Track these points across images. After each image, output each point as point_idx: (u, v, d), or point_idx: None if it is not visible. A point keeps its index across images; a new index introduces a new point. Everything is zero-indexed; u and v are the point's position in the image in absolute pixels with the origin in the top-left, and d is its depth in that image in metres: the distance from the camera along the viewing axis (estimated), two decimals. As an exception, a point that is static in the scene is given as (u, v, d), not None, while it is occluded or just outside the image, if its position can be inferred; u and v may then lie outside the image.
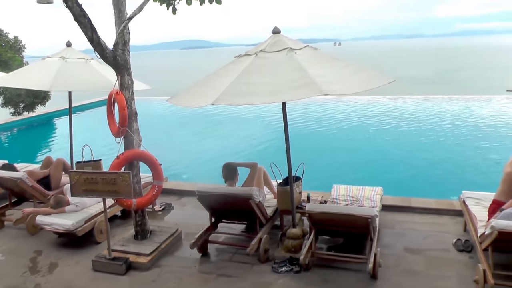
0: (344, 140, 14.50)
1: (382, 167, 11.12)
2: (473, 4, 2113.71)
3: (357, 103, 20.48)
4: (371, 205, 6.01)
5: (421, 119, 17.04)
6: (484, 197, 6.00)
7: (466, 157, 12.18)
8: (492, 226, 4.56)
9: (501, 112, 17.83)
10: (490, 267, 4.68)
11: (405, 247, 5.78)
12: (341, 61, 5.29)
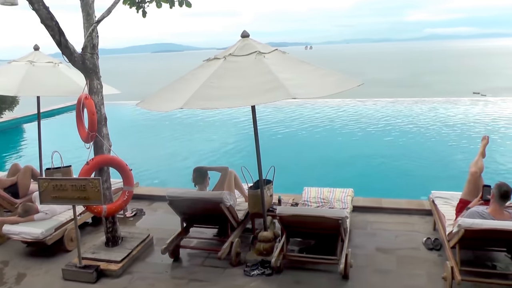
0: (315, 143, 14.57)
1: (352, 169, 11.23)
2: (441, 9, 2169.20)
3: (327, 105, 20.59)
4: (342, 206, 6.07)
5: (390, 121, 17.26)
6: (452, 196, 6.15)
7: (435, 157, 12.40)
8: (459, 225, 4.69)
9: (467, 114, 18.22)
10: (457, 264, 4.80)
11: (377, 247, 5.87)
12: (309, 65, 5.33)
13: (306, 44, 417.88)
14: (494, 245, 5.23)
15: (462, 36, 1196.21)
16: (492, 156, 11.62)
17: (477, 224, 4.61)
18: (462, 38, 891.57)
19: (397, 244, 5.93)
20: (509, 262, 5.23)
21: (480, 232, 4.62)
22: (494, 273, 5.10)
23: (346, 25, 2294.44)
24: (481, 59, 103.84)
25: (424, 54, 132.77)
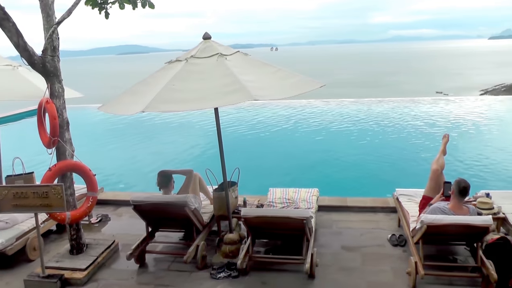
0: (280, 143, 14.67)
1: (318, 169, 11.32)
2: (404, 11, 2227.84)
3: (291, 106, 20.65)
4: (307, 206, 6.12)
5: (355, 121, 17.48)
6: (415, 193, 6.29)
7: (399, 155, 12.66)
8: (422, 221, 4.84)
9: (430, 113, 18.63)
10: (421, 259, 4.93)
11: (342, 245, 5.94)
12: (271, 67, 5.35)
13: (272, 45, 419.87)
14: (455, 239, 5.39)
15: (425, 38, 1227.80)
16: (453, 154, 11.92)
17: (439, 219, 4.76)
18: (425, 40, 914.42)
19: (363, 242, 6.02)
20: (469, 255, 5.40)
21: (442, 227, 4.76)
22: (455, 266, 5.27)
23: (311, 26, 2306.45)
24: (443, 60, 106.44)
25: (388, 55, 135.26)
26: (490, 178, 10.40)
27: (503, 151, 12.92)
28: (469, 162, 11.66)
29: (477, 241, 4.99)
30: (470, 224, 4.76)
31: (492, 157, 12.19)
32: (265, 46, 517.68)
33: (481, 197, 6.17)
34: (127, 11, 6.27)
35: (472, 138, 14.57)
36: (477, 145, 13.75)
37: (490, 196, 6.24)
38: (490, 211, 5.81)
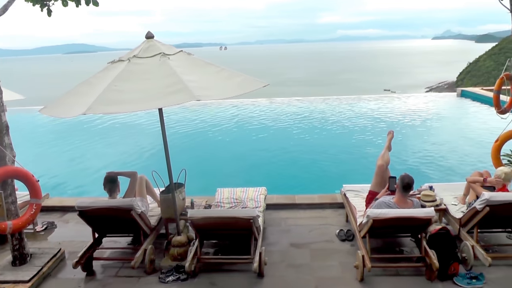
0: (227, 143, 14.55)
1: (266, 167, 11.36)
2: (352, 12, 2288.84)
3: (239, 105, 20.53)
4: (254, 205, 6.13)
5: (303, 118, 17.60)
6: (362, 189, 6.42)
7: (346, 152, 12.86)
8: (368, 215, 4.96)
9: (378, 110, 19.06)
10: (367, 252, 5.04)
11: (291, 243, 5.97)
12: (215, 66, 5.30)
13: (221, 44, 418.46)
14: (400, 232, 5.55)
15: (372, 38, 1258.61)
16: (399, 149, 12.26)
17: (384, 213, 4.90)
18: (372, 39, 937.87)
19: (311, 238, 6.09)
20: (414, 246, 5.56)
21: (387, 221, 4.90)
22: (401, 257, 5.43)
23: (260, 26, 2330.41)
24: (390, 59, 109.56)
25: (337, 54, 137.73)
26: (433, 172, 10.75)
27: (446, 145, 13.40)
28: (414, 157, 12.02)
29: (421, 232, 5.17)
30: (414, 216, 4.93)
31: (436, 151, 12.62)
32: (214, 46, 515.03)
33: (425, 190, 6.38)
34: (71, 8, 6.08)
35: (417, 133, 15.03)
36: (422, 140, 14.20)
37: (433, 189, 6.46)
38: (433, 203, 6.02)
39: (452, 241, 5.31)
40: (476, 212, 5.32)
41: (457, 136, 14.83)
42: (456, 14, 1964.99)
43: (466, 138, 14.28)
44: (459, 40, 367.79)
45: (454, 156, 12.11)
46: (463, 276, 5.01)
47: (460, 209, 5.96)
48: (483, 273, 5.05)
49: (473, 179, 5.97)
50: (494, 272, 5.13)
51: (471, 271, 5.10)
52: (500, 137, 7.94)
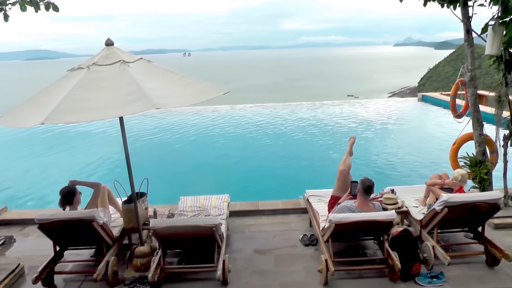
0: (190, 150, 14.42)
1: (229, 174, 11.33)
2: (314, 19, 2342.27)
3: (201, 112, 20.36)
4: (218, 213, 6.10)
5: (267, 125, 17.66)
6: (325, 193, 6.48)
7: (309, 157, 12.97)
8: (330, 220, 5.02)
9: (341, 115, 19.34)
10: (331, 256, 5.10)
11: (255, 249, 5.98)
12: (175, 74, 5.26)
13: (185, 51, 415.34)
14: (363, 235, 5.64)
15: (335, 44, 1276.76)
16: (362, 153, 12.45)
17: (346, 217, 4.97)
18: (335, 46, 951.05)
19: (275, 244, 6.10)
20: (377, 248, 5.64)
21: (349, 225, 4.97)
22: (365, 260, 5.49)
23: (223, 32, 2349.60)
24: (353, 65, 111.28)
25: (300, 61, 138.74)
26: (396, 175, 10.98)
27: (407, 149, 13.72)
28: (377, 161, 12.23)
29: (383, 234, 5.26)
30: (375, 219, 5.02)
31: (398, 155, 12.89)
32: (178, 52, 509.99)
33: (386, 193, 6.49)
34: (31, 14, 5.95)
35: (379, 137, 15.31)
36: (384, 144, 14.47)
37: (395, 192, 6.58)
38: (394, 206, 6.13)
39: (414, 242, 5.42)
40: (435, 214, 5.45)
41: (418, 140, 15.20)
42: (416, 22, 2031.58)
43: (427, 141, 14.65)
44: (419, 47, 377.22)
45: (415, 159, 12.38)
46: (425, 276, 5.15)
47: (421, 211, 6.10)
48: (443, 271, 5.23)
49: (432, 182, 6.13)
50: (453, 270, 5.31)
51: (432, 271, 5.26)
52: (457, 140, 8.20)
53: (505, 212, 6.73)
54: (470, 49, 7.12)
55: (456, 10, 6.93)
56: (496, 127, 7.00)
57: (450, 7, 6.88)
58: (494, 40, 5.82)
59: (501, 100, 6.82)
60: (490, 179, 7.10)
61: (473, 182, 7.24)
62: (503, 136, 6.96)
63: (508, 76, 6.65)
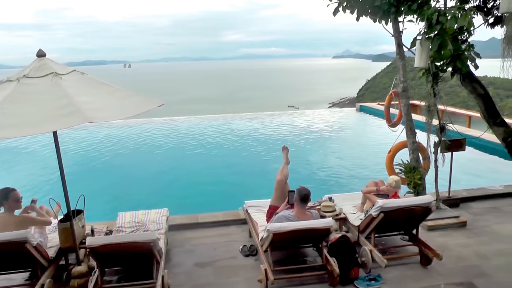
0: (127, 164, 13.98)
1: (168, 188, 11.12)
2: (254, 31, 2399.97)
3: (139, 125, 19.76)
4: (156, 228, 5.97)
5: (206, 137, 17.45)
6: (264, 204, 6.53)
7: (249, 168, 13.02)
8: (268, 230, 5.06)
9: (281, 126, 19.56)
10: (270, 266, 5.14)
11: (195, 263, 5.91)
12: (109, 86, 5.15)
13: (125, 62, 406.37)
14: (302, 243, 5.72)
15: (275, 56, 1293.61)
16: (301, 162, 12.65)
17: (284, 226, 5.03)
18: (275, 58, 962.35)
19: (216, 256, 6.06)
20: (316, 255, 5.73)
21: (287, 233, 5.02)
22: (305, 267, 5.53)
23: (164, 43, 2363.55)
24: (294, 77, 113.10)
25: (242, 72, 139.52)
26: (334, 183, 11.21)
27: (346, 157, 14.07)
28: (316, 170, 12.46)
29: (321, 241, 5.37)
30: (313, 227, 5.12)
31: (337, 163, 13.19)
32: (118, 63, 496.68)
33: (325, 201, 6.64)
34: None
35: (318, 147, 15.61)
36: (323, 153, 14.78)
37: (333, 200, 6.74)
38: (332, 213, 6.28)
39: (352, 248, 5.58)
40: (372, 219, 5.63)
41: (356, 148, 15.63)
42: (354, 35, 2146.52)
43: (364, 149, 15.09)
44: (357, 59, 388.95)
45: (353, 167, 12.71)
46: (363, 279, 5.31)
47: (359, 217, 6.27)
48: (381, 274, 5.42)
49: (367, 190, 6.35)
50: (391, 272, 5.52)
51: (370, 273, 5.44)
52: (392, 148, 8.50)
53: (437, 214, 7.07)
54: (401, 61, 7.44)
55: (388, 25, 7.23)
56: (427, 135, 7.29)
57: (382, 22, 7.14)
58: (422, 54, 6.08)
59: (431, 110, 7.12)
60: (423, 184, 7.40)
61: (408, 187, 7.52)
62: (433, 143, 7.26)
63: (435, 87, 6.97)
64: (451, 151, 7.48)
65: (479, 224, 7.10)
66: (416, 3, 5.98)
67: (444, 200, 7.61)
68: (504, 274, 5.52)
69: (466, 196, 8.14)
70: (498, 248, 6.25)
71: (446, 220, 7.03)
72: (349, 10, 6.94)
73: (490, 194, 8.32)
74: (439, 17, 5.60)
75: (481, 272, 5.58)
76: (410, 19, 6.91)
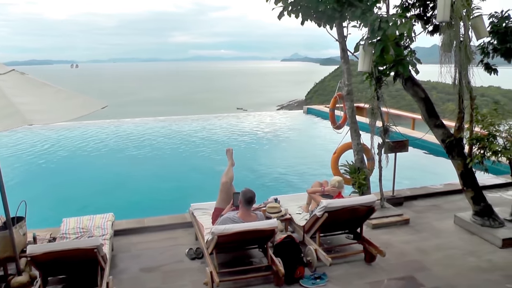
0: (72, 168, 13.44)
1: (113, 192, 10.85)
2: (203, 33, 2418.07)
3: (80, 128, 18.87)
4: (101, 233, 5.81)
5: (152, 139, 17.13)
6: (209, 206, 6.51)
7: (196, 171, 12.86)
8: (212, 232, 5.07)
9: (229, 128, 19.56)
10: (215, 268, 5.13)
11: (141, 268, 5.81)
12: (51, 87, 4.99)
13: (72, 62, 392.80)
14: (247, 244, 5.76)
15: (224, 58, 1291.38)
16: (249, 164, 12.70)
17: (228, 228, 5.03)
18: (224, 60, 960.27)
19: (162, 261, 5.98)
20: (262, 256, 5.77)
21: (232, 235, 5.04)
22: (251, 268, 5.57)
23: (113, 43, 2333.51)
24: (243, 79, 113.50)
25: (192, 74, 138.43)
26: (281, 184, 11.31)
27: (293, 159, 14.25)
28: (263, 171, 12.54)
29: (266, 242, 5.42)
30: (258, 228, 5.16)
31: (283, 165, 13.32)
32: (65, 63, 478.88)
33: (270, 202, 6.70)
34: None
35: (266, 149, 15.74)
36: (270, 155, 14.91)
37: (279, 201, 6.81)
38: (278, 214, 6.35)
39: (297, 247, 5.66)
40: (317, 219, 5.74)
41: (302, 150, 15.84)
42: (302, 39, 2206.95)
43: (310, 151, 15.32)
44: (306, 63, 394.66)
45: (300, 168, 12.87)
46: (308, 278, 5.41)
47: (304, 217, 6.37)
48: (326, 272, 5.54)
49: (312, 190, 6.46)
50: (336, 269, 5.65)
51: (315, 272, 5.54)
52: (337, 150, 8.68)
53: (381, 213, 7.31)
54: (346, 65, 7.62)
55: (334, 30, 7.38)
56: (371, 136, 7.49)
57: (326, 27, 7.28)
58: (365, 59, 6.23)
59: (374, 112, 7.33)
60: (368, 184, 7.60)
61: (353, 187, 7.70)
62: (377, 144, 7.47)
63: (379, 90, 7.19)
64: (394, 152, 7.72)
65: (421, 221, 7.39)
66: (359, 10, 6.12)
67: (388, 199, 7.85)
68: (442, 267, 5.80)
69: (409, 195, 8.46)
70: (437, 243, 6.56)
71: (390, 218, 7.27)
72: (294, 14, 7.03)
73: (431, 193, 8.68)
74: (381, 23, 5.75)
75: (422, 266, 5.84)
76: (354, 25, 7.08)
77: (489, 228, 6.68)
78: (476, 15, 6.33)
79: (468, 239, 6.69)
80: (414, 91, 7.11)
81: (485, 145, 6.43)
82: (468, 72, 6.44)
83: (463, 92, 6.52)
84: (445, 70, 6.44)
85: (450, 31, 6.16)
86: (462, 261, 6.01)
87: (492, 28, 6.82)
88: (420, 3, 7.23)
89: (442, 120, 7.10)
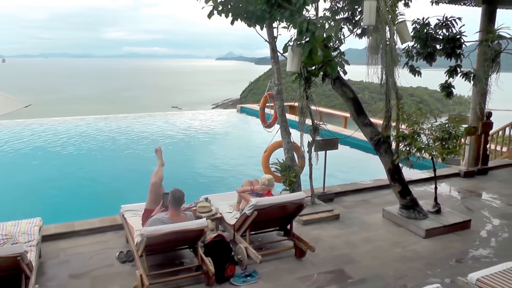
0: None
1: (42, 195, 10.42)
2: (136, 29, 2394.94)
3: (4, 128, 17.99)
4: (27, 239, 5.54)
5: (81, 139, 16.65)
6: (140, 207, 6.41)
7: (126, 171, 12.68)
8: (141, 234, 5.04)
9: (163, 127, 19.40)
10: (145, 271, 5.09)
11: (70, 274, 5.61)
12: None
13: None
14: (177, 245, 5.73)
15: (158, 56, 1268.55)
16: (182, 163, 12.63)
17: (157, 230, 4.99)
18: (158, 57, 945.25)
19: (91, 266, 5.81)
20: (193, 256, 5.74)
21: (162, 236, 5.01)
22: (182, 269, 5.57)
23: (43, 37, 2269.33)
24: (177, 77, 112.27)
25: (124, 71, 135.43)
26: (213, 183, 11.38)
27: (225, 157, 14.35)
28: (195, 171, 12.55)
29: (196, 242, 5.45)
30: (187, 229, 5.16)
31: (215, 163, 13.41)
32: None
33: (201, 202, 6.70)
34: None
35: (198, 148, 15.77)
36: (203, 153, 14.95)
37: (209, 200, 6.85)
38: (208, 214, 6.39)
39: (227, 246, 5.73)
40: (247, 217, 5.82)
41: (234, 148, 15.99)
42: (237, 39, 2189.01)
43: (242, 149, 15.50)
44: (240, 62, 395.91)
45: (231, 167, 12.99)
46: (239, 276, 5.48)
47: (235, 216, 6.45)
48: (256, 269, 5.63)
49: (242, 189, 6.56)
50: (266, 266, 5.76)
51: (246, 270, 5.62)
52: (268, 148, 8.82)
53: (312, 209, 7.54)
54: (276, 66, 7.75)
55: (264, 30, 7.47)
56: (301, 135, 7.67)
57: (256, 27, 7.37)
58: (293, 59, 6.35)
59: (303, 111, 7.52)
60: (298, 181, 7.77)
61: (284, 185, 7.84)
62: (307, 142, 7.66)
63: (308, 90, 7.37)
64: (324, 150, 7.94)
65: (350, 216, 7.69)
66: (288, 11, 6.23)
67: (319, 196, 8.10)
68: (370, 259, 6.08)
69: (340, 191, 8.76)
70: (365, 236, 6.87)
71: (320, 214, 7.48)
72: (224, 14, 7.06)
73: (361, 188, 9.05)
74: (309, 25, 5.89)
75: (351, 259, 6.09)
76: (284, 26, 7.20)
77: (414, 220, 7.10)
78: (401, 21, 6.68)
79: (395, 231, 7.06)
80: (343, 91, 7.36)
81: (411, 142, 6.78)
82: (394, 73, 6.76)
83: (389, 92, 6.84)
84: (372, 71, 6.74)
85: (377, 35, 6.45)
86: (389, 252, 6.33)
87: (415, 33, 7.23)
88: (349, 7, 7.50)
89: (370, 119, 7.41)
